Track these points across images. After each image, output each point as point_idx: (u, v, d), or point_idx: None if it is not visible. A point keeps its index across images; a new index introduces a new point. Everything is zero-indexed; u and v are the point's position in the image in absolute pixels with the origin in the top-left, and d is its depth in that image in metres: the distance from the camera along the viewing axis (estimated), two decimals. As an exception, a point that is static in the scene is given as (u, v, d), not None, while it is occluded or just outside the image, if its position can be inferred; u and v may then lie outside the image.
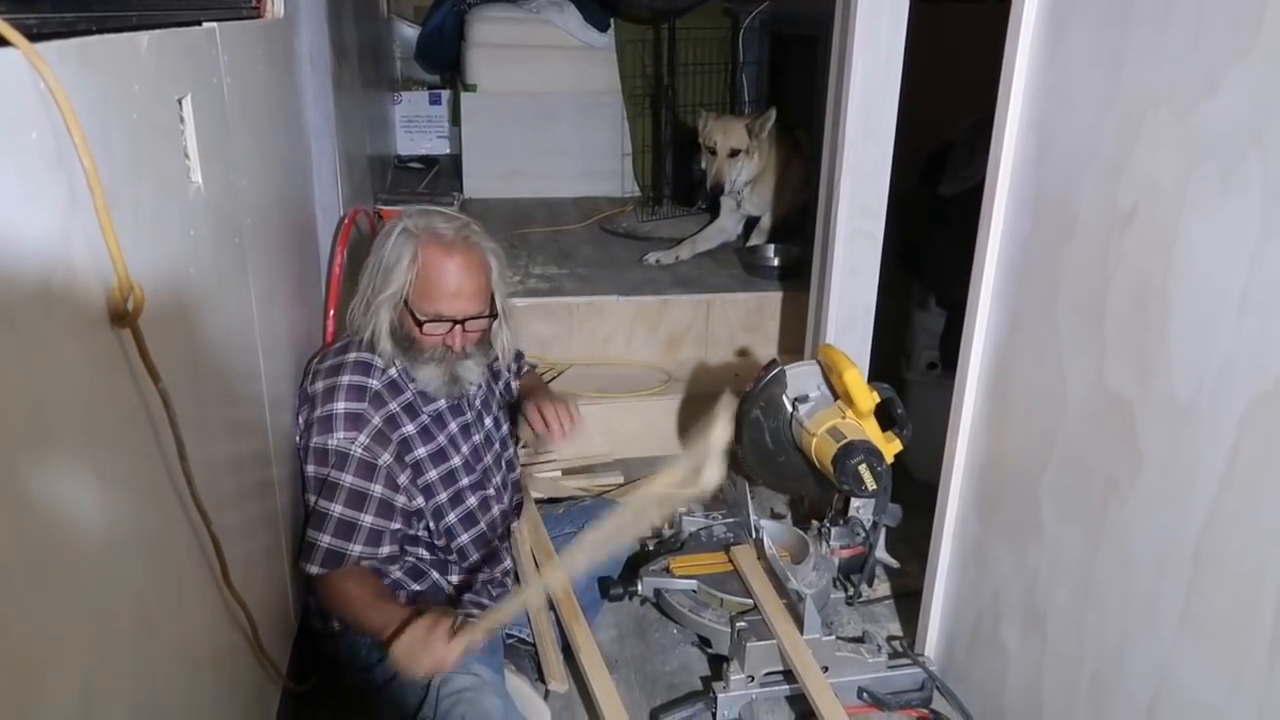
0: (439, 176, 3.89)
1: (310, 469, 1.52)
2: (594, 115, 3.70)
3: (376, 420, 1.50)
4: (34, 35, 0.64)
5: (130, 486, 0.86)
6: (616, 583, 1.81)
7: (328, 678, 1.62)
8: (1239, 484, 1.04)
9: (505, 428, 1.83)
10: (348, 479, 1.48)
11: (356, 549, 1.49)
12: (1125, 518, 1.22)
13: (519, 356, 1.98)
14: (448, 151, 4.26)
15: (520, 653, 1.68)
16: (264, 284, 1.38)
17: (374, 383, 1.53)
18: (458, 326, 1.54)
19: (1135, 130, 1.17)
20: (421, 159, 4.14)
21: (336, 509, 1.48)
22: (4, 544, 0.63)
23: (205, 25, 1.14)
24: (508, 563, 1.73)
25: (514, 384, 1.94)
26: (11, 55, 0.63)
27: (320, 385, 1.53)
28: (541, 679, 1.67)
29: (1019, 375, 1.46)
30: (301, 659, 1.59)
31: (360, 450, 1.48)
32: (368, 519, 1.50)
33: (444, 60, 4.13)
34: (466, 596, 1.63)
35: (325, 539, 1.48)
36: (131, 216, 0.84)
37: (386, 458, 1.51)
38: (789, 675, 1.60)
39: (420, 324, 1.52)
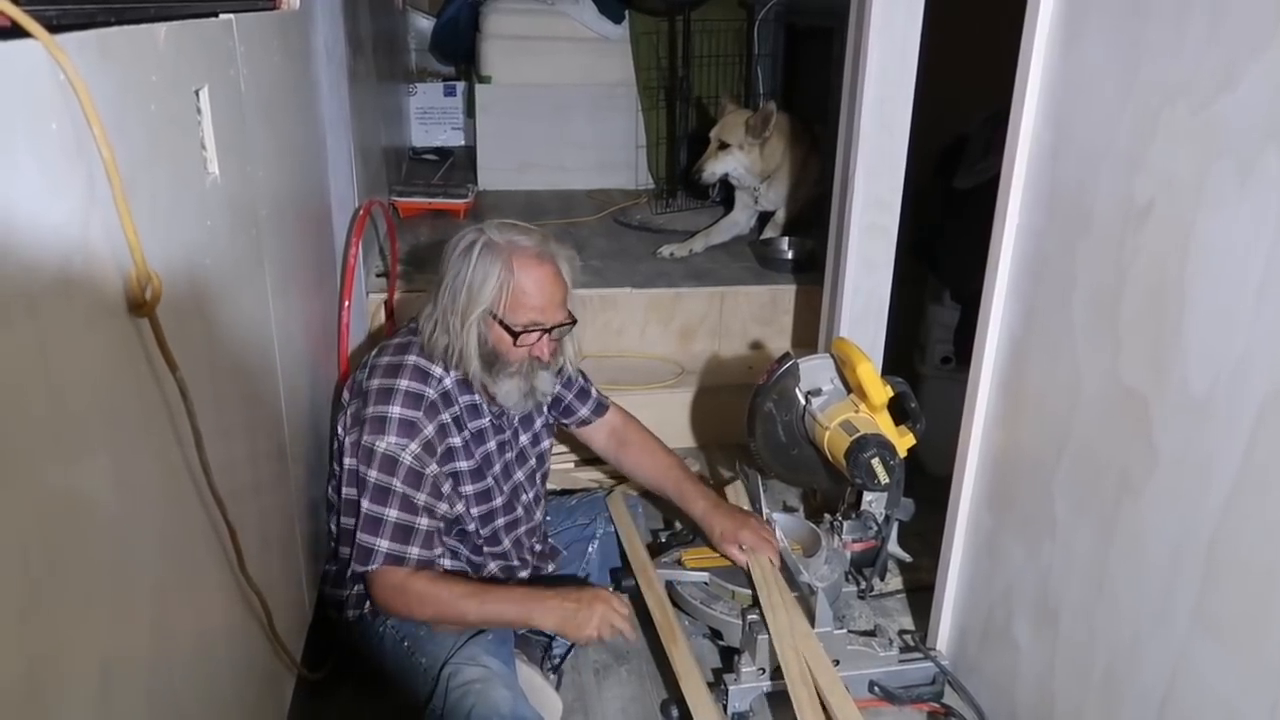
0: (453, 168, 3.90)
1: (354, 463, 1.49)
2: (608, 107, 3.69)
3: (429, 430, 1.50)
4: (54, 27, 0.65)
5: (147, 474, 0.87)
6: (628, 574, 1.81)
7: (341, 667, 1.64)
8: (1254, 479, 1.03)
9: (544, 444, 1.79)
10: (399, 485, 1.48)
11: (414, 551, 1.49)
12: (1139, 513, 1.22)
13: (585, 380, 1.87)
14: (462, 143, 4.27)
15: (532, 643, 1.68)
16: (279, 274, 1.39)
17: (430, 392, 1.51)
18: (546, 335, 1.53)
19: (1152, 124, 1.16)
20: (436, 150, 4.15)
21: (391, 514, 1.47)
22: (24, 529, 0.63)
23: (222, 17, 1.15)
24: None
25: (581, 411, 1.85)
26: (32, 46, 0.63)
27: (376, 384, 1.51)
28: (555, 670, 1.68)
29: (1033, 370, 1.45)
30: (315, 648, 1.60)
31: (410, 458, 1.47)
32: (423, 522, 1.50)
33: (459, 52, 4.14)
34: None
35: (384, 544, 1.47)
36: (149, 207, 0.84)
37: (434, 467, 1.51)
38: (800, 668, 1.60)
39: (516, 335, 1.50)
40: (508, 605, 1.52)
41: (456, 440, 1.55)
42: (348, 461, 1.51)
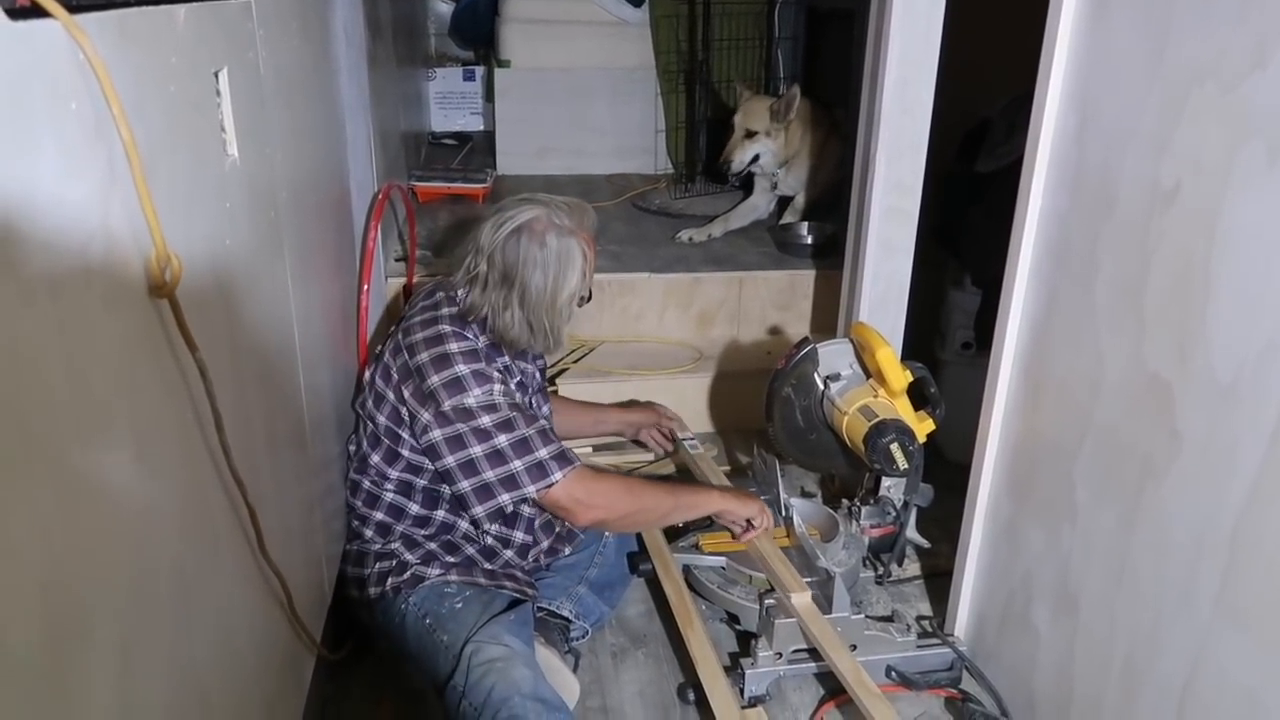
0: (472, 153, 3.90)
1: (450, 430, 1.52)
2: (627, 91, 3.68)
3: (496, 374, 1.56)
4: (74, 7, 0.65)
5: (167, 454, 0.87)
6: (645, 558, 1.82)
7: (361, 647, 1.65)
8: (1280, 467, 1.02)
9: (546, 409, 1.84)
10: (510, 412, 1.53)
11: (563, 444, 1.58)
12: (1161, 499, 1.21)
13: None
14: (481, 128, 4.27)
15: (550, 625, 1.69)
16: (299, 257, 1.40)
17: (480, 344, 1.59)
18: None
19: (1180, 105, 1.14)
20: (455, 135, 4.15)
21: (527, 430, 1.53)
22: (47, 509, 0.64)
23: (241, -1, 1.15)
24: (542, 547, 1.74)
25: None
26: (52, 27, 0.63)
27: (425, 356, 1.55)
28: (570, 651, 1.69)
29: (1055, 355, 1.44)
30: (335, 629, 1.61)
31: (500, 397, 1.53)
32: (545, 422, 1.60)
33: (478, 36, 4.13)
34: (501, 569, 1.65)
35: (542, 452, 1.53)
36: (169, 188, 0.85)
37: (520, 397, 1.58)
38: (816, 653, 1.60)
39: (586, 300, 1.67)
40: (686, 495, 1.74)
41: (511, 387, 1.60)
42: (437, 434, 1.52)
